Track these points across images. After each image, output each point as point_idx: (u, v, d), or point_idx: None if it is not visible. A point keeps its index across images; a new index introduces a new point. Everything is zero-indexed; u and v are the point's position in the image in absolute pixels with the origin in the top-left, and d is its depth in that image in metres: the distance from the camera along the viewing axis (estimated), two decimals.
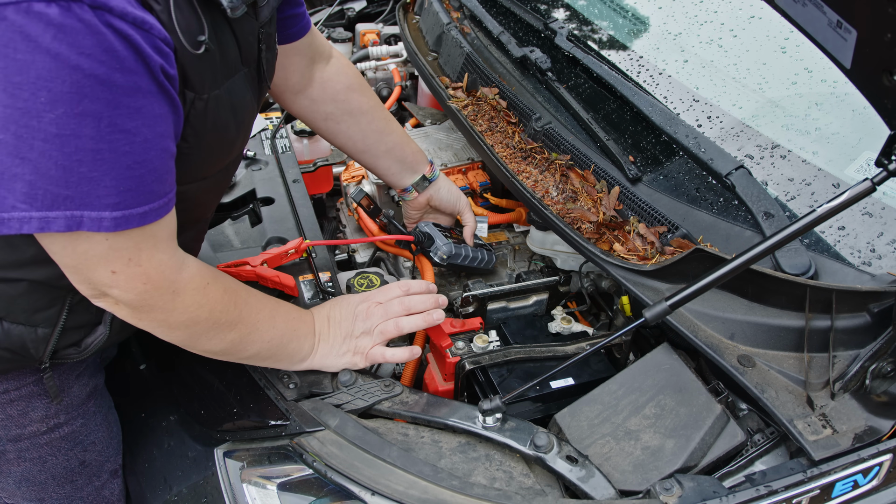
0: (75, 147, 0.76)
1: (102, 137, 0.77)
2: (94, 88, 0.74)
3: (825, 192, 1.32)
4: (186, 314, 0.98)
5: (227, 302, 1.02)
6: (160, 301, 0.95)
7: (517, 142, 1.53)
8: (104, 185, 0.80)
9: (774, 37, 1.65)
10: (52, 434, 1.17)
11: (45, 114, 0.73)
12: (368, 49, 2.26)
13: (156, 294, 0.93)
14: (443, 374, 1.31)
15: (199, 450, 1.21)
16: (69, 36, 0.70)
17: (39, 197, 0.78)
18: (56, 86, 0.72)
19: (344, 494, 1.02)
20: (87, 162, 0.78)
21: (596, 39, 1.93)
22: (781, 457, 1.04)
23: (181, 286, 0.95)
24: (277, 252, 1.38)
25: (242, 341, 1.07)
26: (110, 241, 0.85)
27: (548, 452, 1.02)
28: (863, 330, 1.09)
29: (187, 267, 0.97)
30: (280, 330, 1.11)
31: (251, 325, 1.07)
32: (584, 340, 1.32)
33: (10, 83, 0.71)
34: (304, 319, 1.16)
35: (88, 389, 1.21)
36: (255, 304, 1.08)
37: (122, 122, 0.78)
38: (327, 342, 1.18)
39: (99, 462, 1.26)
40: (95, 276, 0.90)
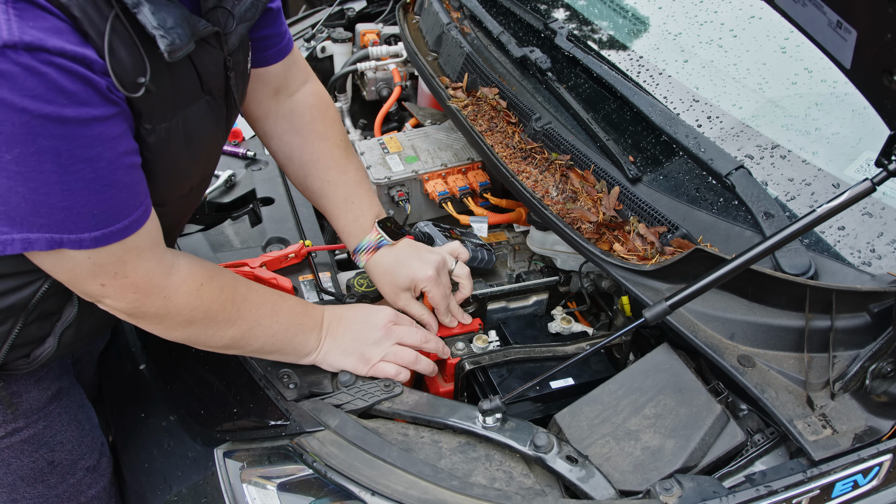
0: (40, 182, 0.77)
1: (65, 170, 0.78)
2: (45, 127, 0.74)
3: (825, 192, 1.32)
4: (181, 316, 0.98)
5: (224, 300, 1.02)
6: (153, 307, 0.96)
7: (517, 142, 1.53)
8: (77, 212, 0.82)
9: (774, 37, 1.65)
10: (11, 438, 1.16)
11: (3, 154, 0.74)
12: (368, 49, 2.25)
13: (147, 301, 0.95)
14: (443, 374, 1.31)
15: (199, 450, 1.21)
16: (9, 81, 0.71)
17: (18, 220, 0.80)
18: (7, 129, 0.73)
19: (344, 494, 1.02)
20: (55, 194, 0.79)
21: (596, 39, 1.93)
22: (781, 457, 1.04)
23: (172, 291, 0.96)
24: (277, 255, 1.38)
25: (245, 337, 1.07)
26: (93, 258, 0.87)
27: (548, 452, 1.02)
28: (863, 330, 1.09)
29: (177, 271, 0.97)
30: (284, 324, 1.10)
31: (252, 321, 1.06)
32: (584, 340, 1.32)
33: None
34: (311, 314, 1.16)
35: (50, 393, 1.20)
36: (255, 299, 1.08)
37: (81, 153, 0.79)
38: (334, 340, 1.17)
39: (71, 461, 1.25)
40: (87, 289, 0.92)
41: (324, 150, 1.29)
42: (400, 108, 2.22)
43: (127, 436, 1.37)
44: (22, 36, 0.70)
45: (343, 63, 2.30)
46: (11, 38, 0.69)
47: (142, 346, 1.47)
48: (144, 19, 0.81)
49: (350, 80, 2.33)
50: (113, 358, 1.54)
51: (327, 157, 1.29)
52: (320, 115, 1.31)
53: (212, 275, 1.02)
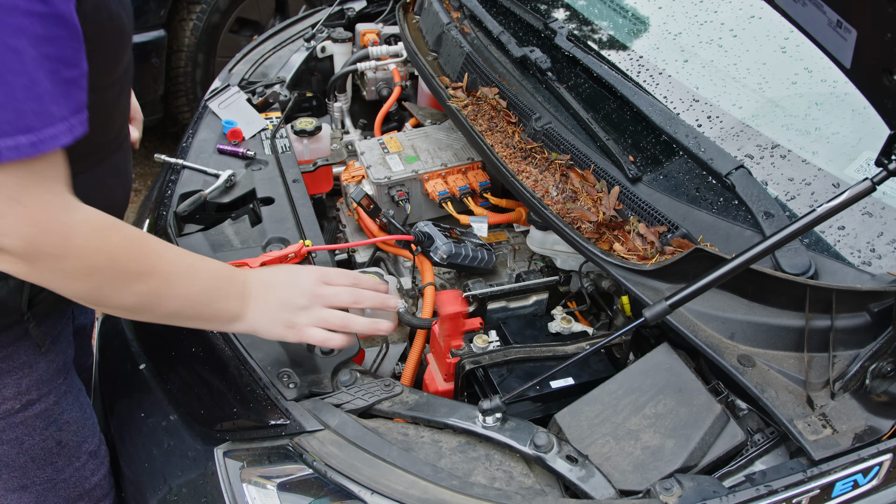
0: None
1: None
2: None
3: (825, 192, 1.32)
4: (82, 260, 0.89)
5: (132, 250, 0.95)
6: (50, 245, 0.87)
7: (517, 142, 1.53)
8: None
9: (774, 37, 1.65)
10: (25, 412, 1.17)
11: None
12: (368, 49, 2.25)
13: (44, 238, 0.86)
14: (443, 374, 1.31)
15: (199, 449, 1.21)
16: None
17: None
18: None
19: (344, 494, 1.02)
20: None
21: (596, 39, 1.93)
22: (781, 457, 1.04)
23: (72, 229, 0.88)
24: (277, 255, 1.38)
25: (156, 296, 0.98)
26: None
27: (548, 452, 1.02)
28: (863, 330, 1.09)
29: (79, 210, 0.90)
30: (202, 286, 1.03)
31: (164, 279, 0.98)
32: (584, 340, 1.32)
33: None
34: (234, 279, 1.09)
35: (57, 365, 1.21)
36: (170, 257, 1.01)
37: (6, 39, 0.75)
38: (259, 306, 1.09)
39: (76, 442, 1.27)
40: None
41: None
42: (400, 108, 2.22)
43: (126, 435, 1.37)
44: None
45: (343, 63, 2.30)
46: None
47: (142, 346, 1.47)
48: None
49: (350, 80, 2.33)
50: (113, 358, 1.54)
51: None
52: None
53: (117, 223, 0.95)
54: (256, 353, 1.22)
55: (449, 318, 1.25)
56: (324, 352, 1.25)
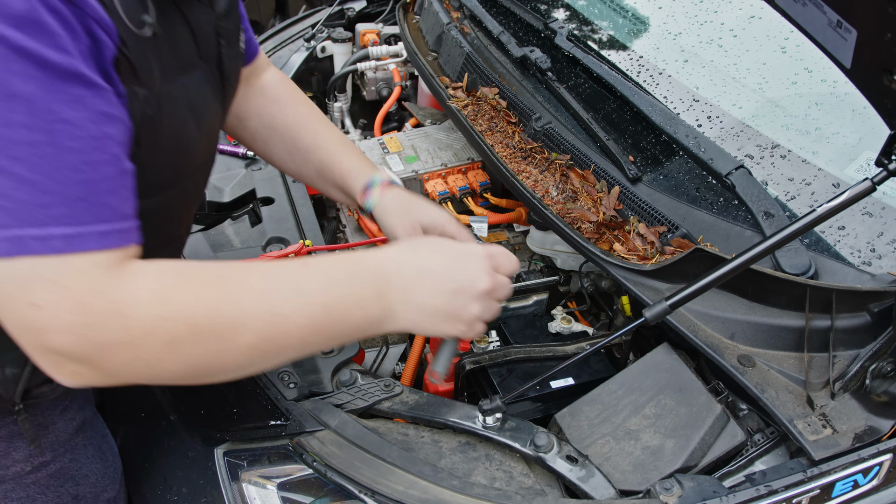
0: (7, 140, 0.61)
1: (39, 127, 0.62)
2: (23, 65, 0.60)
3: (825, 192, 1.32)
4: (155, 338, 0.70)
5: (211, 297, 0.73)
6: (108, 333, 0.68)
7: (517, 142, 1.53)
8: (49, 191, 0.63)
9: (774, 37, 1.65)
10: (38, 473, 1.10)
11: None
12: (368, 49, 2.25)
13: (97, 323, 0.67)
14: None
15: (199, 450, 1.21)
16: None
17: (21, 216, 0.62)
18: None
19: (344, 494, 1.02)
20: (24, 160, 0.62)
21: (596, 39, 1.93)
22: (781, 457, 1.04)
23: (128, 301, 0.69)
24: (277, 255, 1.38)
25: (269, 339, 0.76)
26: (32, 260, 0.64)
27: (548, 452, 1.02)
28: (863, 330, 1.09)
29: (133, 275, 0.70)
30: (320, 303, 0.79)
31: (269, 316, 0.75)
32: (584, 340, 1.32)
33: None
34: (361, 277, 0.83)
35: (76, 423, 1.13)
36: (265, 285, 0.77)
37: (60, 110, 0.63)
38: (413, 298, 0.85)
39: (94, 493, 1.20)
40: (19, 317, 0.67)
41: (307, 111, 1.25)
42: (400, 108, 2.22)
43: (127, 436, 1.37)
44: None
45: (343, 63, 2.30)
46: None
47: None
48: None
49: (350, 80, 2.33)
50: None
51: (313, 115, 1.25)
52: (292, 87, 1.29)
53: (186, 269, 0.74)
54: None
55: None
56: (324, 351, 1.25)
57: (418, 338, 1.43)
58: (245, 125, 1.25)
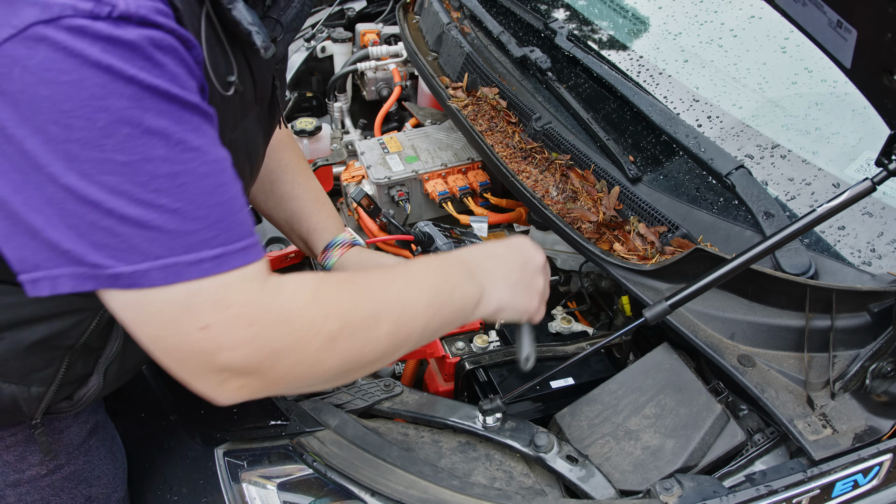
0: (149, 175, 0.65)
1: (176, 158, 0.67)
2: (154, 101, 0.65)
3: (825, 192, 1.32)
4: (318, 337, 0.76)
5: (350, 294, 0.81)
6: (278, 339, 0.73)
7: (517, 142, 1.53)
8: (192, 217, 0.68)
9: (774, 37, 1.65)
10: (53, 476, 1.12)
11: (106, 140, 0.63)
12: (368, 49, 2.25)
13: (269, 333, 0.73)
14: (443, 374, 1.31)
15: (199, 450, 1.21)
16: (120, 49, 0.63)
17: (122, 247, 0.66)
18: (113, 103, 0.63)
19: (344, 494, 1.02)
20: (166, 191, 0.66)
21: (596, 39, 1.93)
22: (781, 457, 1.04)
23: (289, 308, 0.75)
24: (277, 255, 1.38)
25: (401, 324, 0.84)
26: (188, 285, 0.69)
27: (548, 452, 1.02)
28: (863, 330, 1.09)
29: (283, 285, 0.76)
30: (431, 286, 0.90)
31: (397, 303, 0.85)
32: (584, 340, 1.32)
33: (62, 112, 0.62)
34: (451, 264, 0.95)
35: (89, 426, 1.15)
36: (382, 280, 0.87)
37: (190, 139, 0.68)
38: (493, 277, 0.97)
39: (106, 494, 1.21)
40: (188, 344, 0.71)
41: (292, 158, 1.29)
42: (400, 108, 2.22)
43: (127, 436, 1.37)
44: (138, 9, 0.64)
45: (343, 63, 2.30)
46: (128, 10, 0.63)
47: None
48: (240, 15, 0.76)
49: (350, 80, 2.33)
50: None
51: (295, 164, 1.29)
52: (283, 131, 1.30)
53: (319, 276, 0.83)
54: None
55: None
56: None
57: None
58: None
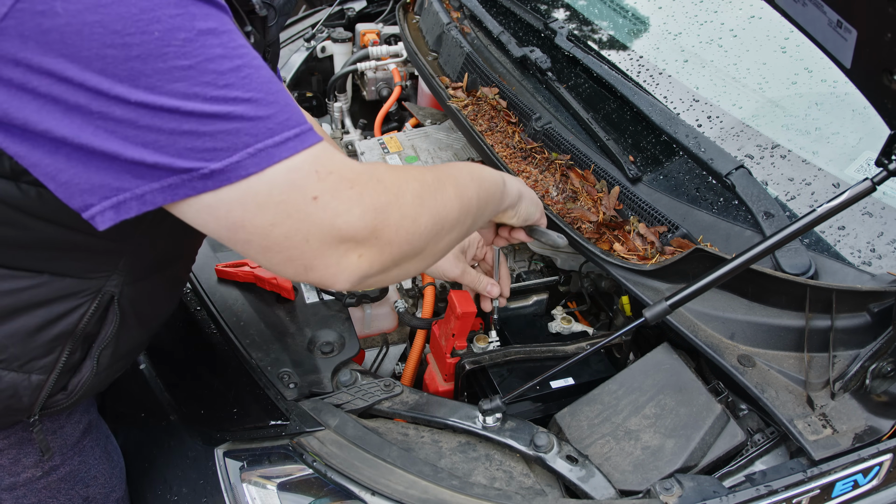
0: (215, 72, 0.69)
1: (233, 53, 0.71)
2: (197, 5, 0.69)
3: (825, 192, 1.32)
4: (407, 192, 0.82)
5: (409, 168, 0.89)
6: (379, 196, 0.78)
7: (517, 142, 1.53)
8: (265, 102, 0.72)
9: (774, 37, 1.65)
10: (48, 478, 1.12)
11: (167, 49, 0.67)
12: (368, 49, 2.25)
13: (370, 190, 0.77)
14: (443, 374, 1.31)
15: (199, 450, 1.21)
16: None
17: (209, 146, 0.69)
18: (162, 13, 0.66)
19: (344, 494, 1.02)
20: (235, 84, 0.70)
21: (596, 39, 1.93)
22: (781, 457, 1.04)
23: (372, 170, 0.80)
24: None
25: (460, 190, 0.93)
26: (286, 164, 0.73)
27: (548, 452, 1.02)
28: (863, 330, 1.09)
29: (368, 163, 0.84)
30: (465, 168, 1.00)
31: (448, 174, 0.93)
32: (584, 340, 1.32)
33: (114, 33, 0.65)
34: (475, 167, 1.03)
35: (83, 426, 1.16)
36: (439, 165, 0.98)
37: (236, 36, 0.72)
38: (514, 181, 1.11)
39: (104, 494, 1.22)
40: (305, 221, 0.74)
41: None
42: (400, 108, 2.22)
43: (127, 436, 1.37)
44: None
45: (343, 63, 2.30)
46: None
47: None
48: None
49: (350, 80, 2.33)
50: None
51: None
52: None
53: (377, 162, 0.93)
54: (256, 353, 1.22)
55: (464, 318, 1.25)
56: (324, 351, 1.25)
57: (418, 338, 1.43)
58: None
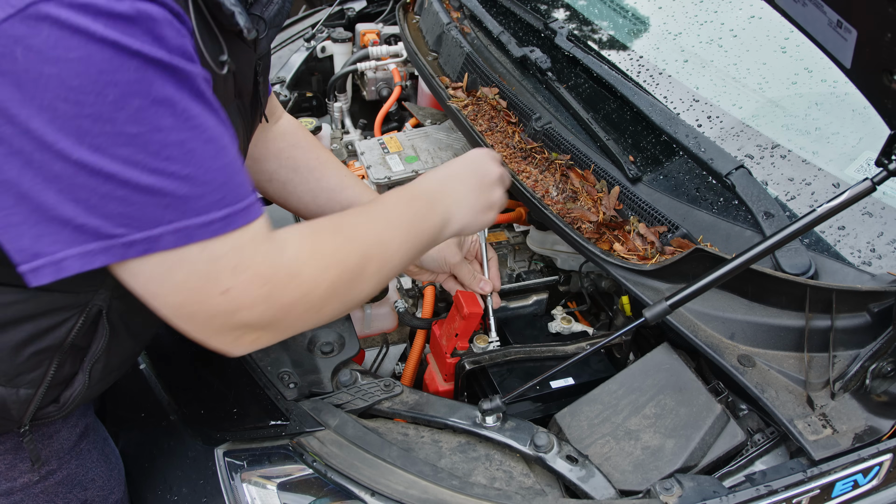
0: (160, 143, 0.68)
1: (183, 125, 0.70)
2: (158, 73, 0.68)
3: (825, 192, 1.32)
4: (322, 286, 0.84)
5: (342, 243, 0.89)
6: (289, 294, 0.80)
7: (517, 142, 1.53)
8: (201, 181, 0.72)
9: (774, 37, 1.65)
10: (45, 482, 1.11)
11: (117, 113, 0.66)
12: (368, 49, 2.25)
13: (282, 290, 0.80)
14: (443, 374, 1.31)
15: (199, 450, 1.21)
16: (122, 24, 0.65)
17: (136, 215, 0.69)
18: (121, 76, 0.65)
19: (344, 494, 1.02)
20: (176, 158, 0.70)
21: (596, 39, 1.93)
22: (781, 457, 1.04)
23: (296, 266, 0.81)
24: None
25: (385, 262, 0.94)
26: (208, 251, 0.74)
27: (548, 452, 1.02)
28: (863, 330, 1.09)
29: (287, 241, 0.82)
30: (404, 223, 0.99)
31: (379, 244, 0.93)
32: (584, 340, 1.32)
33: (70, 89, 0.64)
34: (417, 196, 1.04)
35: (79, 430, 1.15)
36: (363, 222, 0.95)
37: (192, 107, 0.71)
38: (456, 201, 1.07)
39: (102, 497, 1.21)
40: (210, 307, 0.76)
41: (325, 153, 1.34)
42: (400, 108, 2.22)
43: (127, 436, 1.37)
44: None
45: (343, 63, 2.30)
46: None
47: None
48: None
49: (350, 80, 2.33)
50: None
51: (331, 158, 1.34)
52: (306, 132, 1.36)
53: (313, 227, 0.89)
54: (256, 353, 1.22)
55: (470, 318, 1.25)
56: (324, 351, 1.25)
57: (418, 338, 1.43)
58: (262, 166, 1.30)
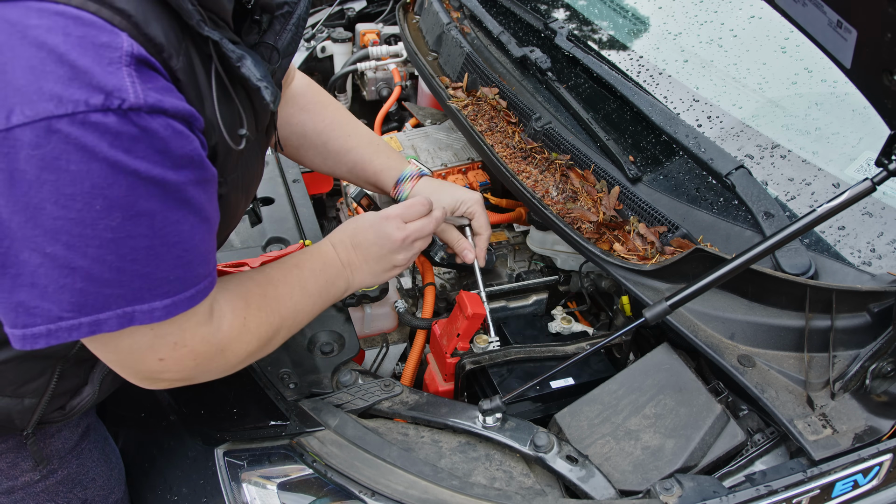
0: (130, 248, 0.75)
1: (155, 234, 0.76)
2: (148, 189, 0.73)
3: (825, 192, 1.32)
4: (240, 356, 0.96)
5: (265, 317, 0.99)
6: (213, 365, 0.93)
7: (517, 142, 1.53)
8: (156, 278, 0.78)
9: (774, 37, 1.65)
10: (46, 481, 1.13)
11: (99, 221, 0.71)
12: (368, 49, 2.25)
13: (208, 364, 0.92)
14: (443, 374, 1.31)
15: (199, 450, 1.21)
16: (126, 143, 0.69)
17: (90, 303, 0.75)
18: (112, 192, 0.70)
19: (344, 494, 1.02)
20: (140, 260, 0.76)
21: (596, 39, 1.93)
22: (781, 457, 1.04)
23: (227, 342, 0.92)
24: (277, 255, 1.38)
25: (294, 326, 1.05)
26: (155, 330, 0.83)
27: (548, 452, 1.02)
28: (863, 330, 1.09)
29: (222, 318, 0.92)
30: (314, 291, 1.08)
31: (292, 313, 1.04)
32: (584, 340, 1.32)
33: (62, 195, 0.69)
34: (330, 264, 1.12)
35: (81, 430, 1.18)
36: (285, 292, 1.03)
37: (171, 215, 0.77)
38: (360, 269, 1.14)
39: (102, 496, 1.23)
40: (144, 367, 0.87)
41: (335, 114, 1.36)
42: (400, 108, 2.22)
43: (127, 436, 1.37)
44: (146, 98, 0.69)
45: (343, 63, 2.30)
46: (137, 101, 0.68)
47: None
48: (248, 72, 0.81)
49: (350, 80, 2.33)
50: None
51: (341, 118, 1.36)
52: (318, 90, 1.37)
53: (246, 299, 0.97)
54: None
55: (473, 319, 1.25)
56: (324, 351, 1.25)
57: (418, 338, 1.43)
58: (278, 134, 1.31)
